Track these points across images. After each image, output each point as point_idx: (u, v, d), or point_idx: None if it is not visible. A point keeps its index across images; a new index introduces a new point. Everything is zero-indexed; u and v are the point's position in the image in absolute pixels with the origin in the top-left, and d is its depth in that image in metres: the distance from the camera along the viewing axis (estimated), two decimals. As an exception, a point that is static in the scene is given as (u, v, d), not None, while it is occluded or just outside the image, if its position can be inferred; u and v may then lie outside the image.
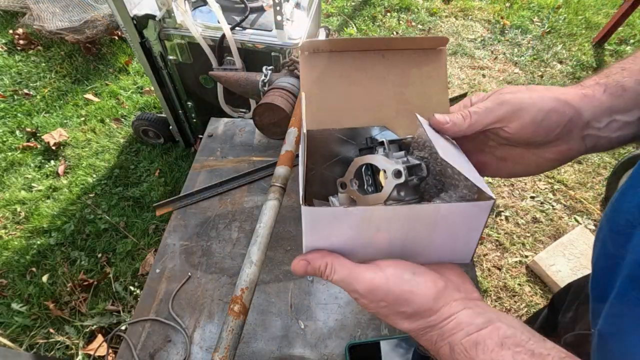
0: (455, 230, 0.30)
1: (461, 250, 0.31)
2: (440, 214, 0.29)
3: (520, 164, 0.38)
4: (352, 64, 0.38)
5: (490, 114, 0.34)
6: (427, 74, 0.38)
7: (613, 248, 0.30)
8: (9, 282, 1.46)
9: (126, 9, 1.24)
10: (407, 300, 0.29)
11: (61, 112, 2.09)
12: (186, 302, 0.67)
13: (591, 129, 0.34)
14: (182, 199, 0.80)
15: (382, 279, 0.29)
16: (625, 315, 0.28)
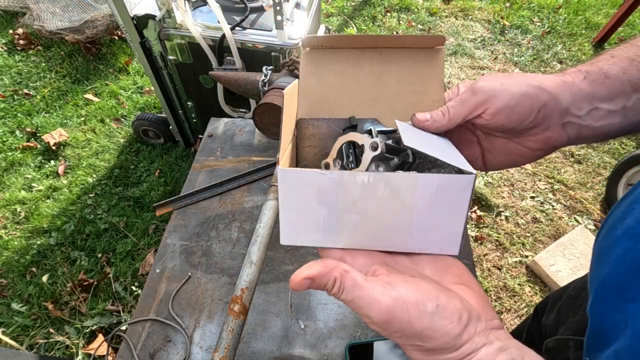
0: (437, 210, 0.29)
1: (446, 238, 0.30)
2: (418, 188, 0.28)
3: (506, 155, 0.38)
4: (350, 60, 0.39)
5: (465, 105, 0.34)
6: (424, 72, 0.39)
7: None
8: (9, 282, 1.46)
9: (126, 9, 1.24)
10: (428, 337, 0.26)
11: (61, 112, 2.09)
12: (186, 302, 0.67)
13: (571, 117, 0.33)
14: (182, 199, 0.80)
15: (402, 310, 0.26)
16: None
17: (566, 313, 0.56)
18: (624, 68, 0.32)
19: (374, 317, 0.26)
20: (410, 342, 0.26)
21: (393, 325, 0.26)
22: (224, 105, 1.42)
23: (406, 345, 0.27)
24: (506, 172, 1.90)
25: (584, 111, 0.33)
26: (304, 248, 0.73)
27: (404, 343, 0.27)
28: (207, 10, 1.30)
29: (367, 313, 0.26)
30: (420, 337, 0.26)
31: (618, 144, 2.01)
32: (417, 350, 0.27)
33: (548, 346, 0.52)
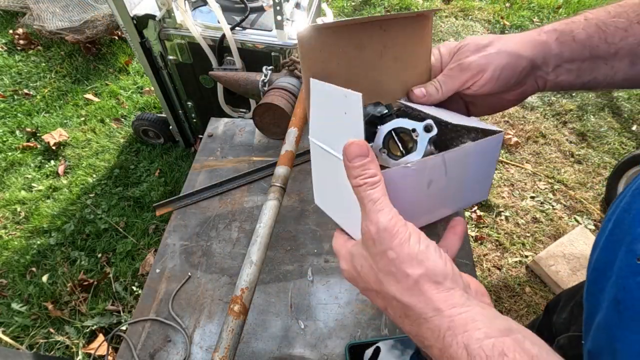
0: (478, 168, 0.33)
1: (481, 188, 0.34)
2: (467, 155, 0.31)
3: (487, 106, 0.44)
4: (351, 42, 0.39)
5: (456, 80, 0.39)
6: (416, 41, 0.41)
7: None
8: (9, 282, 1.46)
9: (126, 9, 1.24)
10: (418, 259, 0.25)
11: (61, 112, 2.09)
12: (186, 302, 0.67)
13: (541, 72, 0.39)
14: (182, 199, 0.80)
15: (402, 225, 0.26)
16: (613, 330, 0.27)
17: (579, 312, 0.57)
18: (590, 34, 0.36)
19: (372, 228, 0.27)
20: (399, 269, 0.26)
21: (387, 236, 0.26)
22: (224, 105, 1.42)
23: (391, 280, 0.26)
24: (506, 172, 1.90)
25: (551, 68, 0.38)
26: (304, 248, 0.73)
27: (391, 272, 0.26)
28: (207, 10, 1.30)
29: (366, 225, 0.27)
30: (410, 257, 0.25)
31: (618, 144, 2.01)
32: (405, 285, 0.25)
33: (560, 343, 0.53)
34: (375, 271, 0.27)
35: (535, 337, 0.24)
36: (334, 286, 0.68)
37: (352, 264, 0.30)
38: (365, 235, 0.28)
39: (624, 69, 0.37)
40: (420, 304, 0.25)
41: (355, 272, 0.30)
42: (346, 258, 0.31)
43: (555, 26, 0.38)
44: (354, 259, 0.30)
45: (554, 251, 1.52)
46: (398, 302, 0.26)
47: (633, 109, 2.16)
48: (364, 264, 0.28)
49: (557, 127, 2.11)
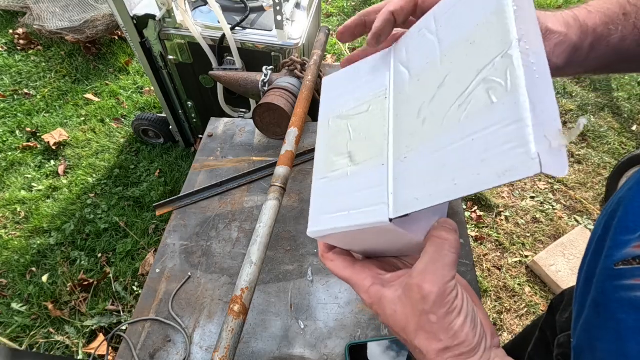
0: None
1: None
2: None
3: None
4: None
5: None
6: None
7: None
8: (9, 282, 1.46)
9: (126, 9, 1.24)
10: (454, 332, 0.27)
11: (61, 112, 2.09)
12: (186, 302, 0.67)
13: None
14: (182, 199, 0.80)
15: (454, 296, 0.27)
16: (593, 331, 0.28)
17: None
18: (597, 24, 0.34)
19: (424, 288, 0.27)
20: (436, 335, 0.27)
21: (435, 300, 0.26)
22: (224, 105, 1.42)
23: (423, 334, 0.27)
24: (506, 172, 1.90)
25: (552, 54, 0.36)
26: (304, 248, 0.73)
27: (427, 331, 0.27)
28: (207, 10, 1.30)
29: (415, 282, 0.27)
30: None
31: (618, 144, 2.01)
32: (437, 345, 0.27)
33: (560, 341, 0.53)
34: (410, 321, 0.28)
35: None
36: (334, 286, 0.68)
37: (378, 303, 0.30)
38: (416, 288, 0.27)
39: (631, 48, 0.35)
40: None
41: (380, 311, 0.30)
42: (370, 293, 0.30)
43: (596, 24, 0.34)
44: (385, 301, 0.29)
45: (554, 251, 1.52)
46: (422, 355, 0.28)
47: (633, 109, 2.16)
48: (399, 310, 0.28)
49: (557, 127, 2.11)
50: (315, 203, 0.32)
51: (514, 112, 0.20)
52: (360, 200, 0.28)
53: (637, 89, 2.28)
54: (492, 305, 1.46)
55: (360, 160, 0.30)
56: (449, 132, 0.24)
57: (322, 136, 0.34)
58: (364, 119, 0.32)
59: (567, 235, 1.57)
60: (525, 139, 0.19)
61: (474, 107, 0.22)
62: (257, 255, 0.51)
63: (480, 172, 0.21)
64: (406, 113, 0.28)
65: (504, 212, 1.73)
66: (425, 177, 0.24)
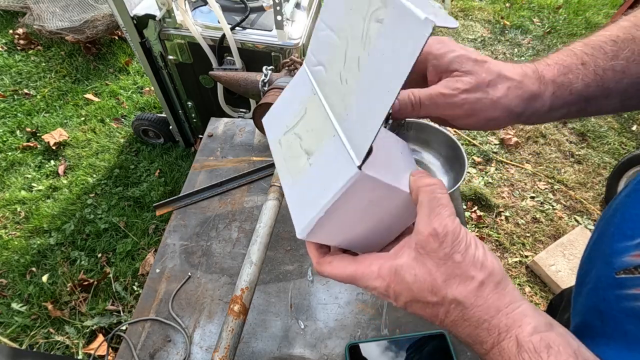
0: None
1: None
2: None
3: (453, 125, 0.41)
4: None
5: (440, 110, 0.36)
6: None
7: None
8: (9, 282, 1.46)
9: (126, 9, 1.24)
10: (481, 262, 0.26)
11: (61, 112, 2.09)
12: (186, 302, 0.67)
13: (526, 117, 0.37)
14: (182, 199, 0.80)
15: (464, 230, 0.27)
16: (597, 338, 0.28)
17: None
18: (587, 83, 0.35)
19: (425, 229, 0.27)
20: (461, 270, 0.26)
21: (448, 239, 0.26)
22: (224, 105, 1.42)
23: (446, 273, 0.27)
24: (506, 172, 1.90)
25: (537, 117, 0.37)
26: (304, 248, 0.73)
27: (448, 269, 0.27)
28: (207, 10, 1.30)
29: (420, 228, 0.27)
30: (473, 261, 0.26)
31: (618, 144, 2.01)
32: (463, 281, 0.26)
33: None
34: (436, 276, 0.27)
35: (571, 333, 0.26)
36: (334, 286, 0.68)
37: (395, 278, 0.28)
38: (429, 238, 0.27)
39: (611, 106, 0.36)
40: (483, 305, 0.26)
41: (400, 286, 0.28)
42: (382, 275, 0.29)
43: (554, 75, 0.35)
44: (402, 270, 0.28)
45: (554, 251, 1.52)
46: (458, 306, 0.27)
47: (633, 109, 2.16)
48: (420, 270, 0.27)
49: (557, 127, 2.11)
50: (294, 209, 0.32)
51: (399, 12, 0.24)
52: (329, 176, 0.29)
53: (637, 89, 2.27)
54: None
55: (315, 148, 0.31)
56: (365, 69, 0.27)
57: (279, 156, 0.35)
58: (306, 120, 0.34)
59: (567, 235, 1.57)
60: (414, 15, 0.22)
61: (373, 38, 0.26)
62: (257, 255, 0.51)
63: (399, 62, 0.24)
64: (333, 90, 0.31)
65: (504, 212, 1.73)
66: (365, 111, 0.27)
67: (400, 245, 0.30)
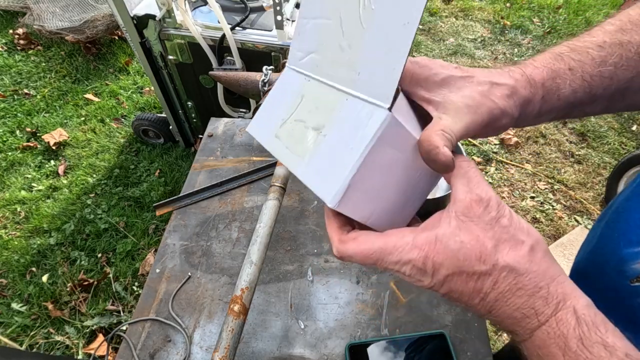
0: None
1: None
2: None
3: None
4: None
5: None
6: None
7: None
8: (9, 282, 1.46)
9: (126, 9, 1.24)
10: (527, 227, 0.26)
11: (61, 112, 2.09)
12: (186, 302, 0.67)
13: (514, 121, 0.35)
14: (182, 199, 0.80)
15: (497, 198, 0.26)
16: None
17: None
18: (575, 89, 0.34)
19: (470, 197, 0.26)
20: (509, 233, 0.25)
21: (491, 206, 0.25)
22: (224, 105, 1.42)
23: (495, 238, 0.25)
24: (506, 172, 1.90)
25: (525, 122, 0.36)
26: (304, 248, 0.73)
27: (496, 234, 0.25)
28: (207, 10, 1.30)
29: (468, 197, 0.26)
30: (519, 228, 0.26)
31: (618, 144, 2.01)
32: (513, 245, 0.25)
33: None
34: (484, 241, 0.25)
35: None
36: (334, 286, 0.68)
37: (435, 247, 0.26)
38: (472, 204, 0.26)
39: (596, 111, 0.36)
40: (538, 271, 0.24)
41: (441, 255, 0.26)
42: (418, 245, 0.26)
43: (543, 79, 0.34)
44: (444, 238, 0.26)
45: (554, 251, 1.52)
46: (511, 273, 0.25)
47: (633, 109, 2.16)
48: (466, 237, 0.25)
49: (557, 127, 2.11)
50: (315, 184, 0.28)
51: None
52: (353, 134, 0.27)
53: (637, 89, 2.27)
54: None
55: (326, 120, 0.29)
56: (373, 20, 0.26)
57: (279, 149, 0.32)
58: (305, 105, 0.32)
59: (567, 235, 1.57)
60: None
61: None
62: (257, 255, 0.51)
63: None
64: (333, 64, 0.30)
65: (504, 212, 1.73)
66: (383, 56, 0.26)
67: (434, 218, 0.28)
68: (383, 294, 0.67)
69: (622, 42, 0.33)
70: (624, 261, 0.27)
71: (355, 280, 0.69)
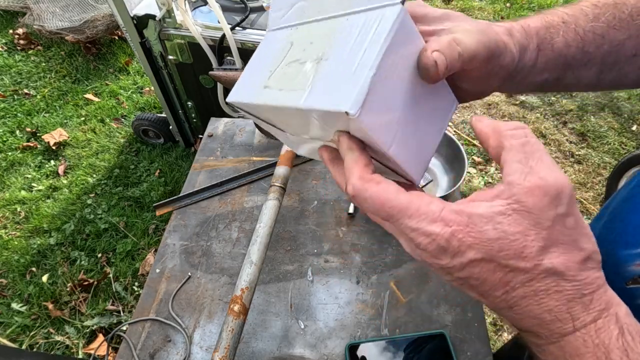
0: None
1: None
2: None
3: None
4: None
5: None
6: None
7: None
8: (9, 282, 1.46)
9: (126, 9, 1.24)
10: (590, 233, 0.22)
11: (61, 112, 2.09)
12: (186, 302, 0.67)
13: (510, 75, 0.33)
14: (182, 199, 0.80)
15: (571, 189, 0.21)
16: None
17: None
18: (568, 42, 0.33)
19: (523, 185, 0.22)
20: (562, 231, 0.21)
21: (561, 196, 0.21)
22: (224, 105, 1.42)
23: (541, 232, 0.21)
24: (506, 172, 1.90)
25: (520, 76, 0.34)
26: (304, 248, 0.73)
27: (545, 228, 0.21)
28: (207, 10, 1.30)
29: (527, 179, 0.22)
30: (581, 228, 0.22)
31: (618, 144, 2.01)
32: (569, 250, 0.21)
33: None
34: (533, 239, 0.21)
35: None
36: (334, 286, 0.68)
37: (468, 227, 0.22)
38: (535, 191, 0.21)
39: (589, 78, 0.35)
40: (585, 280, 0.22)
41: (473, 238, 0.22)
42: (445, 219, 0.22)
43: (537, 28, 0.33)
44: (480, 221, 0.22)
45: (554, 251, 1.52)
46: (552, 276, 0.22)
47: (633, 109, 2.16)
48: (512, 228, 0.21)
49: (557, 127, 2.11)
50: (327, 102, 0.24)
51: None
52: (363, 42, 0.24)
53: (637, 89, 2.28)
54: (492, 305, 1.46)
55: (326, 47, 0.26)
56: None
57: (272, 96, 0.28)
58: (297, 47, 0.29)
59: (567, 235, 1.57)
60: None
61: None
62: (257, 255, 0.51)
63: None
64: (323, 2, 0.28)
65: (504, 212, 1.73)
66: None
67: (475, 195, 0.24)
68: (383, 294, 0.67)
69: (616, 2, 0.33)
70: (621, 263, 0.27)
71: (355, 280, 0.69)
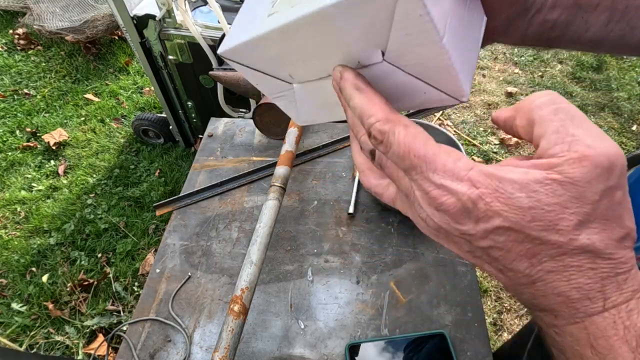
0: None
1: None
2: None
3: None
4: None
5: None
6: None
7: None
8: (9, 282, 1.46)
9: (126, 9, 1.24)
10: (633, 211, 0.20)
11: (61, 112, 2.09)
12: (186, 302, 0.67)
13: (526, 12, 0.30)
14: (182, 199, 0.80)
15: (624, 160, 0.19)
16: None
17: None
18: None
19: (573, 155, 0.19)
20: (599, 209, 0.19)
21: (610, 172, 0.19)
22: (224, 105, 1.42)
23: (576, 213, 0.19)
24: (506, 172, 1.90)
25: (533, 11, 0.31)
26: (304, 248, 0.73)
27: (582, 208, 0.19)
28: (207, 10, 1.30)
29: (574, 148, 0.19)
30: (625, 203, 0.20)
31: (618, 144, 2.01)
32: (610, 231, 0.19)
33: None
34: (572, 213, 0.19)
35: None
36: (334, 286, 0.68)
37: (497, 192, 0.19)
38: (583, 162, 0.19)
39: (597, 26, 0.31)
40: (621, 259, 0.20)
41: (502, 204, 0.19)
42: (473, 179, 0.20)
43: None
44: (512, 187, 0.19)
45: (554, 251, 1.52)
46: (588, 253, 0.20)
47: (633, 109, 2.16)
48: (549, 199, 0.19)
49: (557, 127, 2.11)
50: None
51: None
52: None
53: (637, 88, 2.28)
54: (492, 305, 1.46)
55: None
56: None
57: (282, 19, 0.24)
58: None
59: (567, 235, 1.57)
60: None
61: None
62: (257, 255, 0.51)
63: None
64: None
65: (504, 212, 1.73)
66: None
67: (508, 161, 0.22)
68: (383, 294, 0.67)
69: None
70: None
71: (355, 280, 0.69)
